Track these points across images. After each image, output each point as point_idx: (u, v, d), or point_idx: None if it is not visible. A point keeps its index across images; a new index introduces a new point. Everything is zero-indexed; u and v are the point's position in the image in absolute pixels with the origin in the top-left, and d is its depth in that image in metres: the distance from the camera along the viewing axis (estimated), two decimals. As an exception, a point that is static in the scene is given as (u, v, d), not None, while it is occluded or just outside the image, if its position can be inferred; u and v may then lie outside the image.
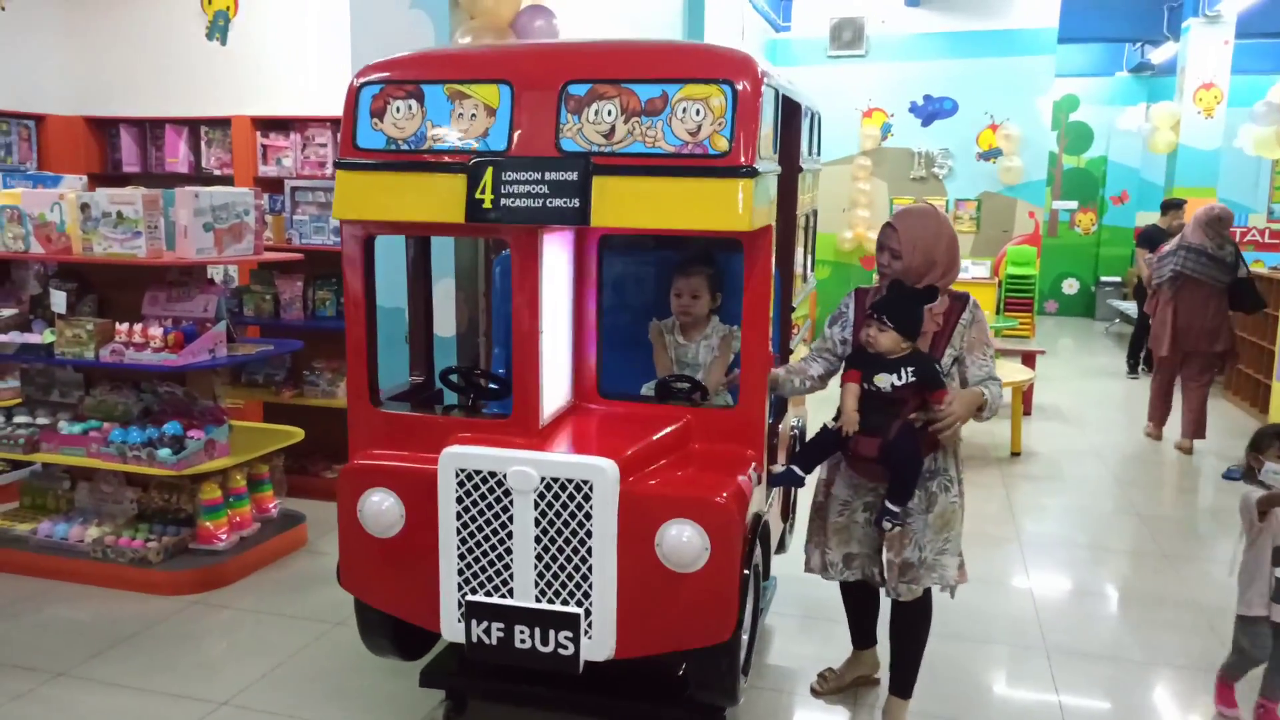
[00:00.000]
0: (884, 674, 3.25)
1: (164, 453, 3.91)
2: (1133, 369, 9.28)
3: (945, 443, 2.81)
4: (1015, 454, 6.43)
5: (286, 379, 5.24)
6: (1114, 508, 5.45)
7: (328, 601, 3.87)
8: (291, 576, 4.19)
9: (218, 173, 6.24)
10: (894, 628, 3.04)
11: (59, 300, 4.08)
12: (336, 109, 6.28)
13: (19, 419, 4.33)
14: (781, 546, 3.76)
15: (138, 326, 3.94)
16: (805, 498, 4.12)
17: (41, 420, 4.28)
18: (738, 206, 2.41)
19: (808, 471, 2.96)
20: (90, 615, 3.77)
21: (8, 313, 4.73)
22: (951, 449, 2.88)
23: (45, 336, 4.09)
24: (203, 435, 4.00)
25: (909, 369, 2.73)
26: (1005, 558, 4.58)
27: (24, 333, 4.22)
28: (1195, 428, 6.61)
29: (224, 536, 4.11)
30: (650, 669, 2.88)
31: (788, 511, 3.78)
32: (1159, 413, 6.97)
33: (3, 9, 6.09)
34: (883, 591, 3.02)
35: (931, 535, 2.88)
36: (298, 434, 4.57)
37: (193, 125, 6.34)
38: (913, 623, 3.00)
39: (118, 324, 3.97)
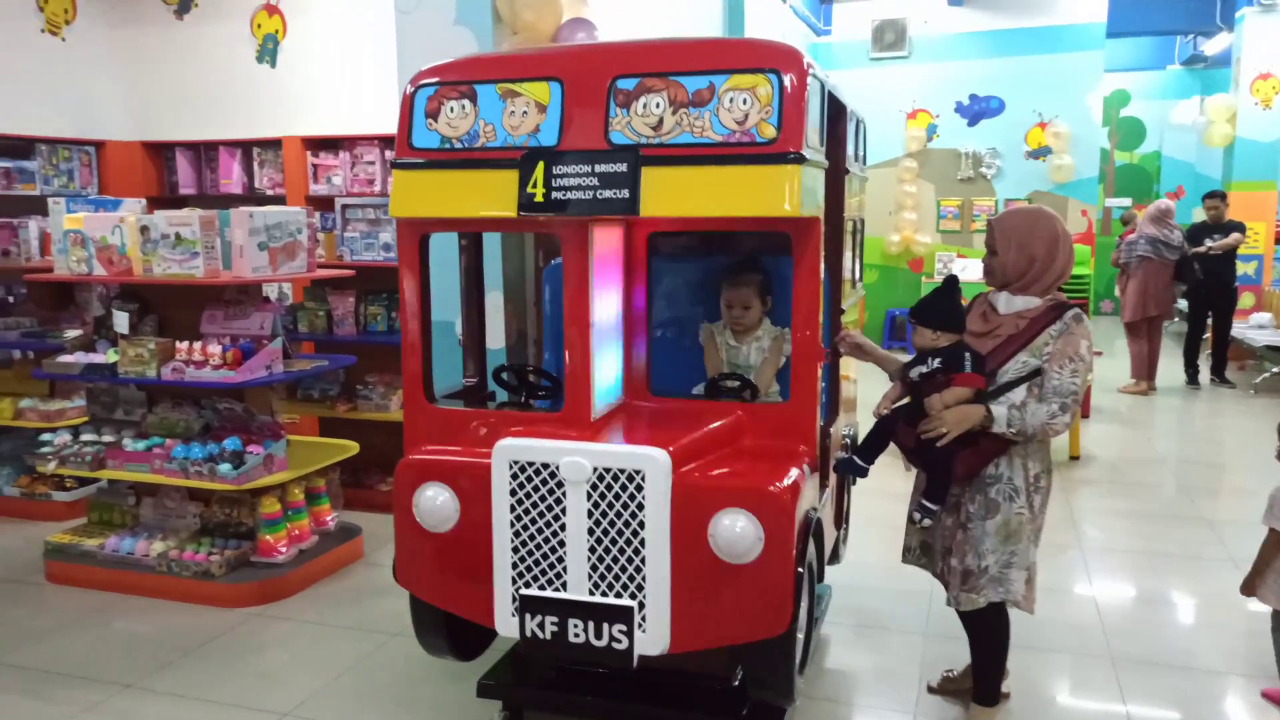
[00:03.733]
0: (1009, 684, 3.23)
1: (225, 468, 3.99)
2: (1193, 378, 8.92)
3: (930, 428, 2.71)
4: (1074, 458, 6.30)
5: (340, 393, 5.33)
6: (1178, 512, 5.31)
7: (385, 612, 3.92)
8: (349, 588, 4.25)
9: (270, 192, 6.37)
10: (969, 636, 2.99)
11: (121, 321, 4.19)
12: (384, 127, 6.39)
13: (85, 437, 4.46)
14: (836, 557, 3.72)
15: (197, 345, 4.04)
16: (859, 507, 4.08)
17: (107, 438, 4.40)
18: (785, 192, 2.42)
19: (868, 463, 2.97)
20: (156, 628, 3.86)
21: (73, 334, 4.88)
22: (1019, 459, 2.78)
23: (109, 356, 4.20)
24: (261, 450, 4.08)
25: (936, 359, 2.74)
26: (1067, 564, 4.48)
27: (89, 353, 4.35)
28: (1152, 374, 8.65)
29: (283, 549, 4.18)
30: (706, 679, 2.87)
31: (841, 519, 3.74)
32: (1149, 369, 8.52)
33: (62, 39, 6.29)
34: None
35: (995, 544, 2.79)
36: (353, 447, 4.63)
37: (245, 147, 6.48)
38: (980, 632, 2.94)
39: (178, 343, 4.07)
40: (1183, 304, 9.59)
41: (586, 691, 2.90)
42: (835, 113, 3.10)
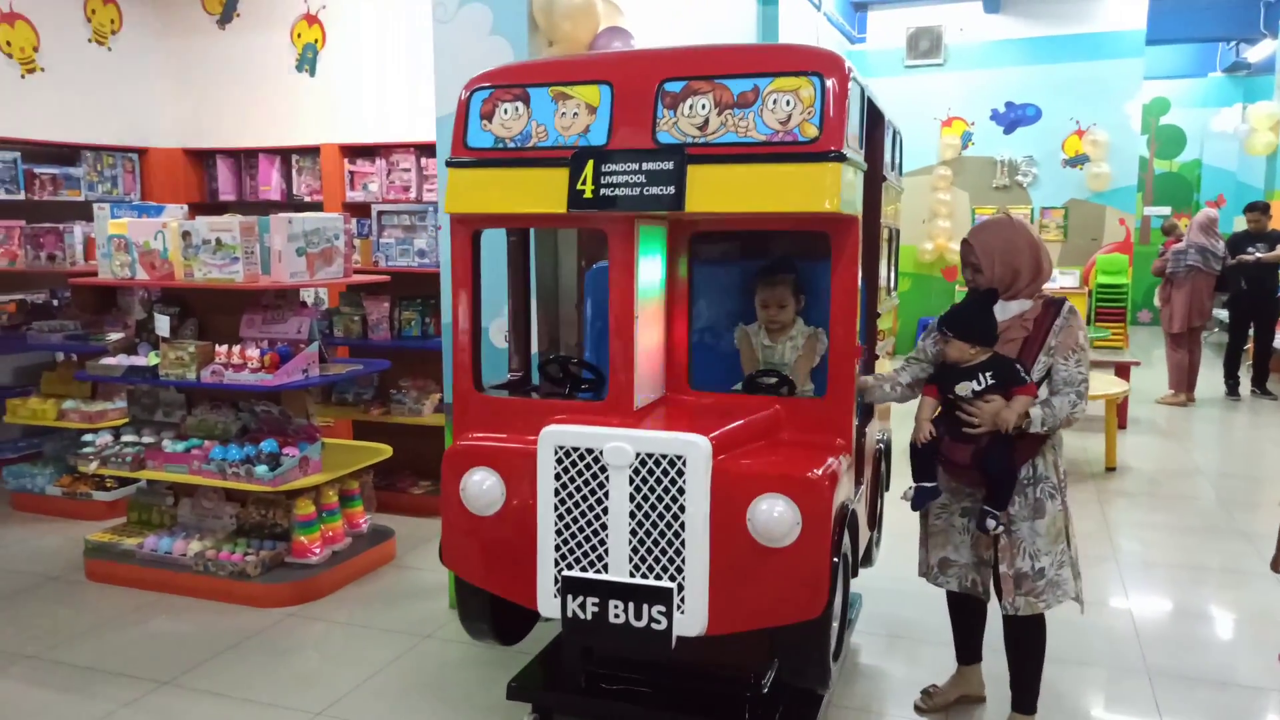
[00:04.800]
0: (990, 690, 3.21)
1: (261, 469, 4.05)
2: (1233, 390, 8.77)
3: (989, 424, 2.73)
4: (1110, 469, 6.22)
5: (374, 397, 5.39)
6: (1216, 525, 5.21)
7: (417, 615, 3.96)
8: (382, 590, 4.29)
9: (308, 199, 6.46)
10: (1009, 643, 2.98)
11: (162, 324, 4.27)
12: (420, 135, 6.45)
13: (126, 438, 4.54)
14: (869, 559, 3.71)
15: (236, 348, 4.10)
16: (893, 516, 4.05)
17: (147, 439, 4.48)
18: (825, 188, 2.46)
19: (934, 480, 2.92)
20: (193, 626, 3.92)
21: (115, 336, 4.98)
22: (1051, 456, 2.82)
23: (150, 359, 4.28)
24: (297, 452, 4.14)
25: (987, 374, 2.75)
26: (1102, 577, 4.41)
27: (130, 355, 4.43)
28: (1192, 385, 8.51)
29: (318, 551, 4.23)
30: (737, 685, 2.87)
31: (874, 521, 3.72)
32: (1188, 380, 8.39)
33: (109, 49, 6.43)
34: (999, 605, 2.91)
35: (1046, 545, 2.81)
36: (386, 451, 4.68)
37: (284, 154, 6.58)
38: (1025, 638, 2.94)
39: (217, 346, 4.13)
40: (1221, 314, 9.43)
41: (615, 697, 2.91)
42: (873, 119, 3.12)
